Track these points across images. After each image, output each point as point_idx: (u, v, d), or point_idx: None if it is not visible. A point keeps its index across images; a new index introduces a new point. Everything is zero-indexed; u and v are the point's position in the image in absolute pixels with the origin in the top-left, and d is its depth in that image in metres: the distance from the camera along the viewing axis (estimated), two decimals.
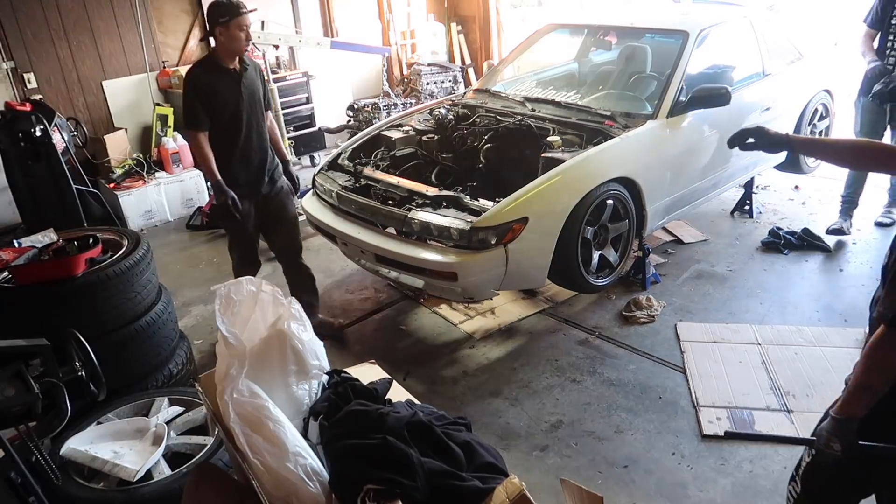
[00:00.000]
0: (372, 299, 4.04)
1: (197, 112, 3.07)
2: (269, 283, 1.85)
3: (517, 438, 2.82)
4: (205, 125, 3.09)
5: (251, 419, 1.55)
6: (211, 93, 3.07)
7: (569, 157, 3.40)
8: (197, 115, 3.07)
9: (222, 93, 3.09)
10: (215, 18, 3.00)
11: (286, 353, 1.76)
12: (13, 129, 4.24)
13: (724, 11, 4.48)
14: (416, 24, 7.90)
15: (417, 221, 3.26)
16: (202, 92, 3.05)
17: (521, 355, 3.37)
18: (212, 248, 5.04)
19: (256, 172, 3.29)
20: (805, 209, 4.73)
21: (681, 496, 2.48)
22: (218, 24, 2.99)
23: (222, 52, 3.08)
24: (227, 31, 3.00)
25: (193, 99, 3.06)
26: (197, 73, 3.09)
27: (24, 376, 1.68)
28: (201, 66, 3.12)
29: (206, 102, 3.06)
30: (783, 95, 4.46)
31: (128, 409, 2.52)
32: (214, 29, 3.02)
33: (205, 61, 3.15)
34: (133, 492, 2.12)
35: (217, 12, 3.00)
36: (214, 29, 3.02)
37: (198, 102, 3.05)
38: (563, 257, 3.40)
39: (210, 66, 3.10)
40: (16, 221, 4.97)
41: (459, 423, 1.73)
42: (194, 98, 3.06)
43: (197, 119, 3.08)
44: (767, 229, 4.33)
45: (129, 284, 2.69)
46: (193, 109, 3.06)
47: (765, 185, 5.11)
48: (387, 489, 1.42)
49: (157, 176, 5.60)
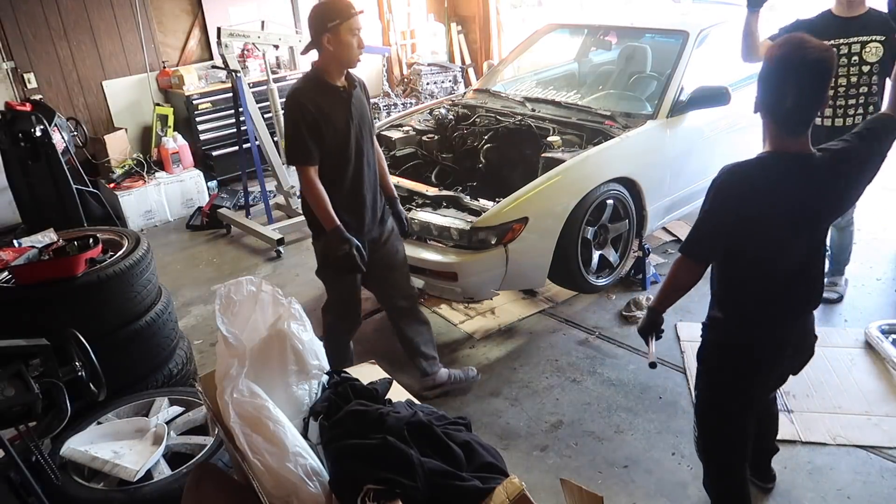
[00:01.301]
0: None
1: (305, 143, 2.51)
2: (268, 283, 1.85)
3: (517, 438, 2.82)
4: (315, 158, 2.54)
5: (251, 419, 1.55)
6: (321, 118, 2.51)
7: (569, 157, 3.40)
8: (306, 146, 2.52)
9: (332, 117, 2.53)
10: (322, 24, 2.48)
11: (286, 353, 1.76)
12: (13, 129, 4.24)
13: (724, 11, 4.48)
14: (416, 24, 7.90)
15: (417, 221, 3.26)
16: (311, 117, 2.49)
17: (521, 355, 3.37)
18: (212, 248, 5.05)
19: (369, 212, 2.73)
20: None
21: (681, 496, 2.48)
22: (325, 30, 2.47)
23: (330, 64, 2.55)
24: (337, 38, 2.48)
25: (301, 127, 2.50)
26: (303, 93, 2.53)
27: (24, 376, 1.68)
28: (306, 84, 2.57)
29: (316, 130, 2.51)
30: None
31: (128, 409, 2.51)
32: (321, 38, 2.49)
33: (309, 78, 2.60)
34: (133, 492, 2.11)
35: (323, 16, 2.49)
36: (321, 38, 2.49)
37: (306, 131, 2.50)
38: (563, 257, 3.40)
39: (315, 83, 2.56)
40: (16, 221, 4.98)
41: (459, 423, 1.73)
42: (302, 126, 2.50)
43: (306, 152, 2.52)
44: None
45: (129, 284, 2.69)
46: (301, 140, 2.51)
47: None
48: (387, 489, 1.42)
49: (157, 176, 5.60)
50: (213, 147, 6.04)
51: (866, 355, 3.15)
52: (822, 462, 2.58)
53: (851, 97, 3.12)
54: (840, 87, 3.11)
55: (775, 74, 1.72)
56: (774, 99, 1.74)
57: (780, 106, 1.73)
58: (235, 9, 6.30)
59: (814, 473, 2.53)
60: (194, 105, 5.86)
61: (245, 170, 5.13)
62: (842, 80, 3.10)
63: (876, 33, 3.01)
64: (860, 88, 3.10)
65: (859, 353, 3.17)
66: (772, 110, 1.77)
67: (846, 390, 2.94)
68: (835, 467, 2.55)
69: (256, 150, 4.96)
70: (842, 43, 3.05)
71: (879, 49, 3.02)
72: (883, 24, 2.95)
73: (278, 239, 4.69)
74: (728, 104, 3.65)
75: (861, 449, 2.63)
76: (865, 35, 3.02)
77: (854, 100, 3.12)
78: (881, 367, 3.06)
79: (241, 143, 5.10)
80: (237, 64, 4.83)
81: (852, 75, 3.08)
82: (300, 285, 4.27)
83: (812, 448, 2.65)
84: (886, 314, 3.44)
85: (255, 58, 6.17)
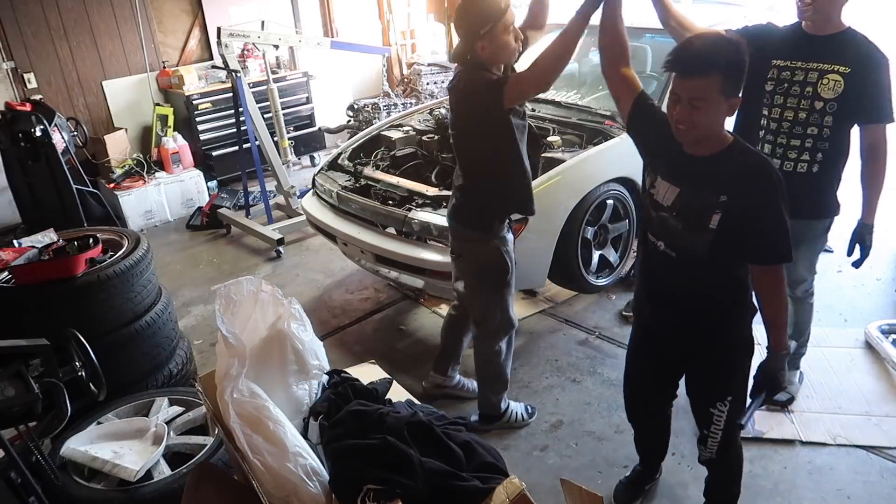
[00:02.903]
0: (372, 299, 4.04)
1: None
2: (268, 282, 1.85)
3: (517, 438, 2.82)
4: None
5: (251, 419, 1.55)
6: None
7: (569, 157, 3.40)
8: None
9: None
10: (474, 31, 2.28)
11: (286, 353, 1.76)
12: (13, 129, 4.24)
13: (724, 11, 4.48)
14: (416, 24, 7.90)
15: (417, 221, 3.26)
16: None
17: (521, 355, 3.37)
18: (212, 248, 5.05)
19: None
20: None
21: (681, 496, 2.48)
22: (478, 38, 2.28)
23: (491, 65, 2.38)
24: (494, 40, 2.29)
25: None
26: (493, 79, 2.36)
27: (24, 376, 1.68)
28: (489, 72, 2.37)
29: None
30: None
31: (128, 409, 2.51)
32: (475, 44, 2.30)
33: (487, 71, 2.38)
34: (133, 492, 2.11)
35: (474, 23, 2.28)
36: (475, 44, 2.30)
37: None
38: (563, 257, 3.40)
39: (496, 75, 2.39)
40: (16, 221, 4.98)
41: (459, 423, 1.73)
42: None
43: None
44: None
45: (129, 284, 2.69)
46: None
47: None
48: (387, 489, 1.42)
49: (157, 176, 5.60)
50: (213, 147, 6.04)
51: (866, 355, 3.15)
52: (822, 462, 2.58)
53: (796, 137, 2.42)
54: (785, 122, 2.44)
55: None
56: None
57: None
58: (235, 9, 6.31)
59: (814, 473, 2.53)
60: (194, 105, 5.86)
61: (245, 170, 5.13)
62: (788, 112, 2.42)
63: (841, 63, 2.31)
64: (808, 129, 2.39)
65: (859, 353, 3.17)
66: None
67: (846, 390, 2.94)
68: (835, 467, 2.55)
69: (256, 150, 4.96)
70: (798, 66, 2.40)
71: (839, 84, 2.30)
72: (856, 51, 2.31)
73: (278, 239, 4.69)
74: None
75: (861, 449, 2.62)
76: (828, 62, 2.33)
77: (799, 140, 2.42)
78: (881, 367, 3.06)
79: (241, 143, 5.10)
80: (237, 64, 4.83)
81: (802, 109, 2.39)
82: (300, 285, 4.27)
83: (812, 448, 2.65)
84: (886, 314, 3.44)
85: (255, 58, 6.17)
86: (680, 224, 1.82)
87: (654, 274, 2.01)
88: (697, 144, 1.77)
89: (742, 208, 1.71)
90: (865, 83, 2.29)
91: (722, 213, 1.73)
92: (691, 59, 1.66)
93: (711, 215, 1.75)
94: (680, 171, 1.82)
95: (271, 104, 5.21)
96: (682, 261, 1.87)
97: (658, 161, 1.91)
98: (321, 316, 3.86)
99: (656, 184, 1.88)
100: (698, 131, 1.72)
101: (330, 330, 3.73)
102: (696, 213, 1.78)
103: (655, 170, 1.91)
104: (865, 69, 2.29)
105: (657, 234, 1.91)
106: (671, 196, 1.83)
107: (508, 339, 2.79)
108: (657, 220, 1.88)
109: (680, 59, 1.69)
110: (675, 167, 1.84)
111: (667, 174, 1.85)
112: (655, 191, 1.88)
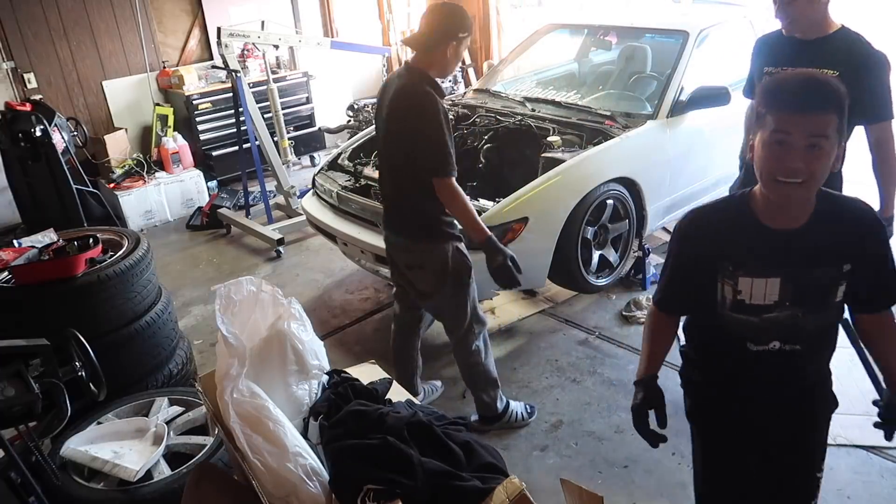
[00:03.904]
0: (372, 299, 4.04)
1: (451, 151, 2.39)
2: (268, 283, 1.85)
3: (517, 438, 2.82)
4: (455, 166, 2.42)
5: (251, 419, 1.55)
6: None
7: (569, 157, 3.40)
8: (452, 155, 2.39)
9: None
10: (454, 31, 2.36)
11: (286, 353, 1.76)
12: (13, 129, 4.24)
13: (724, 11, 4.48)
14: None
15: None
16: (449, 124, 2.40)
17: (521, 355, 3.37)
18: (212, 248, 5.05)
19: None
20: None
21: (681, 496, 2.47)
22: (454, 38, 2.36)
23: (436, 71, 2.43)
24: (459, 48, 2.39)
25: (448, 135, 2.37)
26: (438, 97, 2.39)
27: (24, 376, 1.68)
28: (433, 86, 2.39)
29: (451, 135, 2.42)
30: None
31: (128, 409, 2.51)
32: (447, 44, 2.37)
33: (433, 84, 2.40)
34: (133, 492, 2.11)
35: (458, 25, 2.37)
36: (447, 44, 2.37)
37: (450, 139, 2.38)
38: (563, 257, 3.40)
39: (437, 87, 2.42)
40: (16, 221, 4.98)
41: (459, 423, 1.73)
42: (449, 134, 2.37)
43: (453, 160, 2.40)
44: None
45: (129, 284, 2.69)
46: (448, 148, 2.37)
47: None
48: (387, 489, 1.42)
49: (157, 176, 5.60)
50: (213, 147, 6.04)
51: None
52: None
53: None
54: None
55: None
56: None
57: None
58: (235, 9, 6.31)
59: None
60: (194, 105, 5.86)
61: (245, 170, 5.13)
62: None
63: (830, 66, 2.21)
64: None
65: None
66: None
67: (846, 390, 2.93)
68: (835, 467, 2.55)
69: (256, 150, 4.96)
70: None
71: None
72: (847, 53, 2.28)
73: (278, 239, 4.69)
74: (728, 104, 3.65)
75: (861, 449, 2.63)
76: (816, 66, 2.17)
77: None
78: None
79: (241, 143, 5.10)
80: (237, 64, 4.83)
81: None
82: (300, 285, 4.27)
83: None
84: None
85: (255, 58, 6.17)
86: (800, 312, 1.49)
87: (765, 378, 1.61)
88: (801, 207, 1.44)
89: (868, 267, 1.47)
90: (861, 84, 2.18)
91: (847, 282, 1.47)
92: (812, 90, 1.35)
93: (837, 289, 1.48)
94: (773, 258, 1.47)
95: (271, 104, 5.21)
96: (812, 349, 1.56)
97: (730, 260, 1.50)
98: (321, 316, 3.86)
99: (739, 286, 1.50)
100: (815, 182, 1.38)
101: (330, 330, 3.73)
102: (817, 296, 1.48)
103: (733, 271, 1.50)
104: (859, 71, 2.26)
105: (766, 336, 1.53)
106: (772, 291, 1.47)
107: (483, 336, 2.77)
108: (762, 324, 1.51)
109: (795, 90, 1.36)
110: (762, 256, 1.48)
111: (754, 269, 1.48)
112: (742, 294, 1.50)
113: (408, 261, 2.69)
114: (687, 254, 1.60)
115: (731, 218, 1.51)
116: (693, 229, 1.59)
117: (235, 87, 4.77)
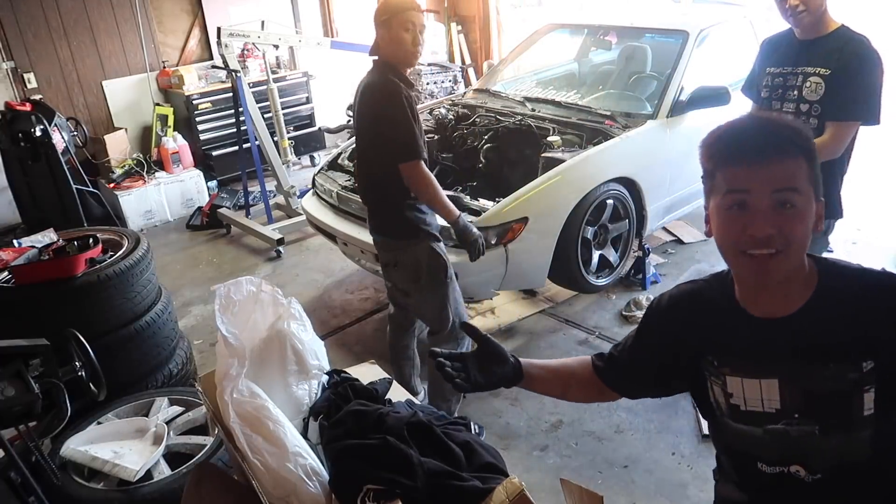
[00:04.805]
0: (372, 299, 4.04)
1: (418, 136, 2.41)
2: (268, 282, 1.85)
3: (517, 438, 2.82)
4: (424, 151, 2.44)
5: (251, 419, 1.55)
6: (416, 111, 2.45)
7: (569, 157, 3.40)
8: (419, 139, 2.42)
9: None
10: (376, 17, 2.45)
11: (286, 353, 1.76)
12: (13, 129, 4.24)
13: (724, 11, 4.48)
14: None
15: None
16: (415, 110, 2.43)
17: (521, 355, 3.28)
18: (212, 248, 5.05)
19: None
20: None
21: (681, 496, 2.47)
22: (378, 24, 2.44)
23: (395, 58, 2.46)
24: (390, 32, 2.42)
25: (413, 121, 2.40)
26: (402, 86, 2.42)
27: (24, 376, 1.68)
28: (396, 78, 2.43)
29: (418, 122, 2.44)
30: None
31: (128, 409, 2.51)
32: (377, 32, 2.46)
33: (397, 74, 2.46)
34: (133, 492, 2.11)
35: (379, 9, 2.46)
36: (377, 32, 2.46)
37: (414, 123, 2.41)
38: (563, 257, 3.40)
39: (401, 77, 2.46)
40: (16, 221, 4.98)
41: (459, 423, 1.73)
42: (412, 117, 2.39)
43: (421, 144, 2.42)
44: None
45: (129, 284, 2.69)
46: (415, 132, 2.39)
47: None
48: (387, 489, 1.42)
49: (157, 176, 5.60)
50: (213, 147, 6.04)
51: None
52: None
53: None
54: None
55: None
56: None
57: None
58: (235, 9, 6.31)
59: None
60: (194, 105, 5.86)
61: (245, 170, 5.13)
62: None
63: (822, 65, 2.30)
64: None
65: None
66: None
67: None
68: None
69: (256, 150, 4.96)
70: (788, 72, 2.43)
71: (821, 86, 2.31)
72: (840, 52, 2.28)
73: (278, 239, 4.69)
74: (728, 104, 3.65)
75: None
76: (812, 65, 2.34)
77: None
78: None
79: (241, 143, 5.10)
80: (237, 64, 4.83)
81: (790, 113, 2.40)
82: (300, 285, 4.27)
83: None
84: None
85: (255, 58, 6.17)
86: (815, 428, 1.12)
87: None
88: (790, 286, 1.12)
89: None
90: (844, 82, 2.26)
91: (876, 386, 1.08)
92: (768, 132, 1.10)
93: (862, 397, 1.09)
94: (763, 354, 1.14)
95: (271, 104, 5.21)
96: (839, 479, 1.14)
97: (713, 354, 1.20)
98: (321, 316, 3.86)
99: (729, 388, 1.18)
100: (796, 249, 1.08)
101: (330, 330, 3.73)
102: (834, 407, 1.11)
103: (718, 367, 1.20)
104: (847, 69, 2.26)
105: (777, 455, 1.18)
106: (771, 395, 1.14)
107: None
108: (767, 437, 1.16)
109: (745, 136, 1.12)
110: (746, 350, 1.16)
111: (742, 368, 1.16)
112: (735, 398, 1.18)
113: (385, 259, 2.75)
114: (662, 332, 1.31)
115: (711, 299, 1.22)
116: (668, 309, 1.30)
117: (235, 86, 4.77)
